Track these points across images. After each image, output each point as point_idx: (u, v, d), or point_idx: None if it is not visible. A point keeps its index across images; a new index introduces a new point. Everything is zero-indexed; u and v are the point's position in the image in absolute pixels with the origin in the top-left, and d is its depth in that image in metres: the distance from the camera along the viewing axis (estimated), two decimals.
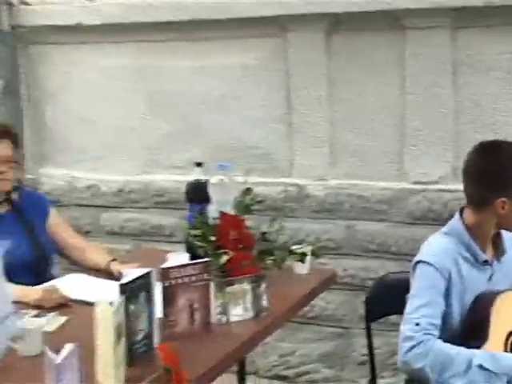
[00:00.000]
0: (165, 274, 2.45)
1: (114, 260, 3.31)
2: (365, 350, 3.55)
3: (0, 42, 4.68)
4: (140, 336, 2.33)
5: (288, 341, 4.31)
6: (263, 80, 4.29)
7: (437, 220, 3.82)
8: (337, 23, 4.07)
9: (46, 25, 4.67)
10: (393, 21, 3.94)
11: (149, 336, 2.37)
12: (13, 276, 3.01)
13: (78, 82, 4.73)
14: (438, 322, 2.48)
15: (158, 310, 2.44)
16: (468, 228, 2.62)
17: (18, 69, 4.83)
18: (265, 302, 2.71)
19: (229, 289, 2.62)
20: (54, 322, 2.70)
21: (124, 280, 2.30)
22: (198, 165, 3.34)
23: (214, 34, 4.33)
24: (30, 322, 2.60)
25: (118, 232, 4.73)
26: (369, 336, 3.13)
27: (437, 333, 2.45)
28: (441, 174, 3.98)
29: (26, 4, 4.72)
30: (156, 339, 2.40)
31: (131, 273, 2.40)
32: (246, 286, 2.66)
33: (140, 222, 4.69)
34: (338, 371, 4.30)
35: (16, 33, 4.76)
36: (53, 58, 4.78)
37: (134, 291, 2.30)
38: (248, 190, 2.95)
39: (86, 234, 4.53)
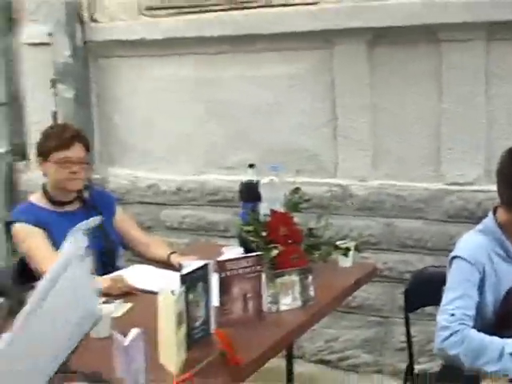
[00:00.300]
0: (221, 265, 2.46)
1: (173, 253, 3.32)
2: (402, 338, 3.54)
3: (74, 56, 4.73)
4: (198, 322, 2.34)
5: (332, 328, 4.29)
6: (310, 89, 4.28)
7: (470, 218, 3.78)
8: (379, 36, 4.05)
9: (113, 40, 4.73)
10: (431, 34, 3.91)
11: (206, 322, 2.37)
12: None
13: (142, 92, 4.76)
14: (472, 312, 2.46)
15: (215, 299, 2.44)
16: (501, 226, 2.59)
17: (89, 80, 4.89)
18: (312, 293, 2.70)
19: (279, 280, 2.62)
20: (120, 308, 2.72)
21: (184, 271, 2.32)
22: (251, 166, 3.34)
23: (265, 46, 4.34)
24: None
25: (177, 227, 4.75)
26: (407, 325, 3.11)
27: (471, 323, 2.43)
28: (475, 176, 3.94)
29: (96, 22, 4.78)
30: (212, 325, 2.41)
31: (190, 265, 2.41)
32: (295, 278, 2.65)
33: (196, 218, 4.70)
34: (377, 356, 4.27)
35: (87, 47, 4.81)
36: (120, 70, 4.83)
37: (193, 281, 2.31)
38: (296, 190, 2.95)
39: (148, 229, 4.56)
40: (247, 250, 2.85)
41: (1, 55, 5.18)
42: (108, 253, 3.31)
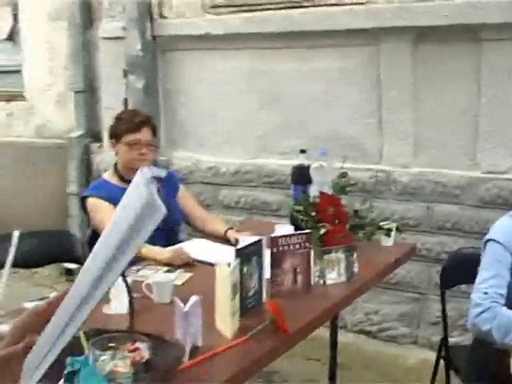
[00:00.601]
0: (274, 241, 2.44)
1: (230, 229, 3.32)
2: (437, 313, 3.50)
3: (143, 50, 4.75)
4: (251, 292, 2.33)
5: (373, 302, 4.24)
6: (358, 83, 4.22)
7: (504, 205, 3.71)
8: (422, 35, 3.97)
9: (180, 35, 4.73)
10: (471, 33, 3.82)
11: (258, 293, 2.36)
12: (149, 239, 3.07)
13: (204, 82, 4.75)
14: (504, 291, 2.41)
15: (267, 272, 2.43)
16: None
17: (157, 71, 4.90)
18: (356, 269, 2.67)
19: (326, 256, 2.59)
20: (181, 277, 2.73)
21: (239, 246, 2.31)
22: (302, 152, 3.31)
23: (317, 42, 4.29)
24: (162, 276, 2.64)
25: (233, 206, 4.74)
26: (443, 301, 3.07)
27: (502, 301, 2.38)
28: (508, 165, 3.85)
29: (165, 18, 4.78)
30: (264, 296, 2.39)
31: (245, 240, 2.40)
32: (341, 255, 2.62)
33: (251, 198, 4.68)
34: (414, 329, 4.22)
35: (156, 41, 4.82)
36: (185, 63, 4.83)
37: (248, 255, 2.30)
38: (343, 174, 2.92)
39: (207, 206, 4.56)
40: (297, 228, 2.83)
41: (81, 48, 5.24)
42: (170, 227, 3.32)
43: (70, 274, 5.31)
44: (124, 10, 4.80)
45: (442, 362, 3.05)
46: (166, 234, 3.26)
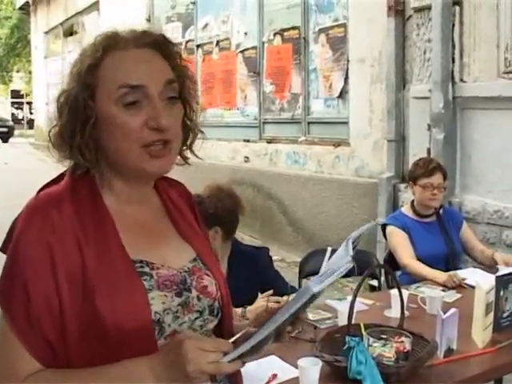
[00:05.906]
0: None
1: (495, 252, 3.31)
2: None
3: (445, 108, 4.79)
4: (506, 313, 2.36)
5: None
6: None
7: None
8: None
9: (476, 96, 4.73)
10: None
11: None
12: (430, 262, 3.27)
13: (493, 137, 4.65)
14: None
15: None
16: None
17: (455, 126, 4.91)
18: None
19: None
20: (451, 296, 2.85)
21: (499, 273, 2.38)
22: None
23: None
24: (435, 292, 2.80)
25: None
26: None
27: None
28: None
29: (464, 82, 4.81)
30: None
31: (505, 269, 2.47)
32: None
33: None
34: None
35: (455, 101, 4.86)
36: (478, 119, 4.78)
37: (506, 282, 2.34)
38: None
39: (491, 244, 4.49)
40: None
41: (395, 105, 5.44)
42: (449, 256, 3.42)
43: (372, 290, 5.54)
44: (430, 75, 4.95)
45: None
46: (445, 260, 3.39)
